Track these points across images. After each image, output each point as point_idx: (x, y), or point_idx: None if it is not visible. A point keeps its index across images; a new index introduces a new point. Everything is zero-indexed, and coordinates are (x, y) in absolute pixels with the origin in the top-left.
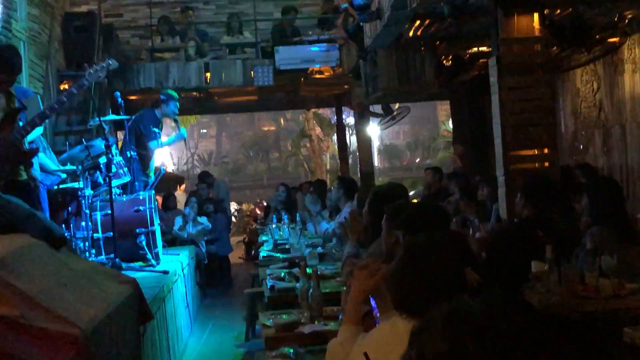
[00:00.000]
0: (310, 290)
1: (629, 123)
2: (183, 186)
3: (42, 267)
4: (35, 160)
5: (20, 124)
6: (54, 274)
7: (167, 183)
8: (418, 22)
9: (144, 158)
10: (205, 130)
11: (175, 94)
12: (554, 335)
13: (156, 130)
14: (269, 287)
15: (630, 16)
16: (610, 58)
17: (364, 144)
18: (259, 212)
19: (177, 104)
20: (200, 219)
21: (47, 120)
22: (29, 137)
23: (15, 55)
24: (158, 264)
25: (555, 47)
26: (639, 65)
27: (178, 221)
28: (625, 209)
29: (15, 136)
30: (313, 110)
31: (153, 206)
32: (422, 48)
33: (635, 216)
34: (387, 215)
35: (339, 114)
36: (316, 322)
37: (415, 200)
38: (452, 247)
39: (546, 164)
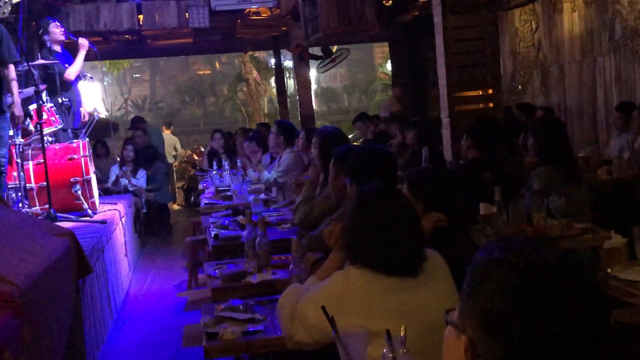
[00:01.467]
0: (258, 239)
1: (567, 62)
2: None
3: None
4: None
5: None
6: None
7: (100, 129)
8: None
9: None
10: (138, 75)
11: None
12: None
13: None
14: (212, 235)
15: None
16: None
17: (304, 87)
18: (196, 158)
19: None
20: (138, 175)
21: None
22: None
23: None
24: (95, 213)
25: None
26: (578, 3)
27: (113, 172)
28: (571, 149)
29: None
30: (250, 53)
31: (88, 154)
32: None
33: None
34: (335, 160)
35: (277, 56)
36: (264, 271)
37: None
38: (404, 196)
39: (490, 104)
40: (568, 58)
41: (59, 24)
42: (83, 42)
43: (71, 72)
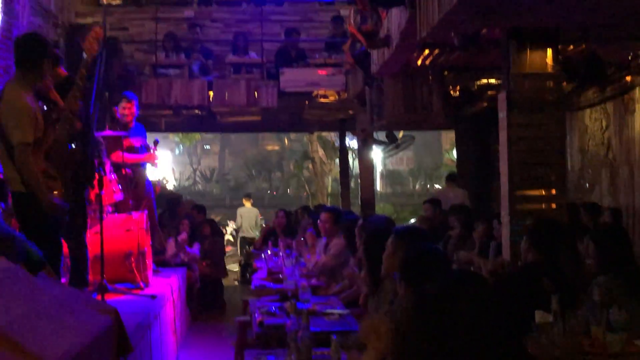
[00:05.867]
0: (300, 332)
1: (637, 163)
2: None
3: (16, 295)
4: None
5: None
6: (29, 302)
7: (165, 200)
8: (427, 51)
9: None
10: (208, 147)
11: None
12: None
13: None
14: (257, 322)
15: None
16: (621, 97)
17: (366, 171)
18: (257, 233)
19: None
20: (193, 246)
21: None
22: None
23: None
24: (147, 286)
25: (566, 84)
26: None
27: (170, 247)
28: (634, 258)
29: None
30: (317, 132)
31: (145, 227)
32: (430, 77)
33: None
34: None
35: (342, 138)
36: None
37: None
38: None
39: (553, 205)
40: (638, 159)
41: (129, 100)
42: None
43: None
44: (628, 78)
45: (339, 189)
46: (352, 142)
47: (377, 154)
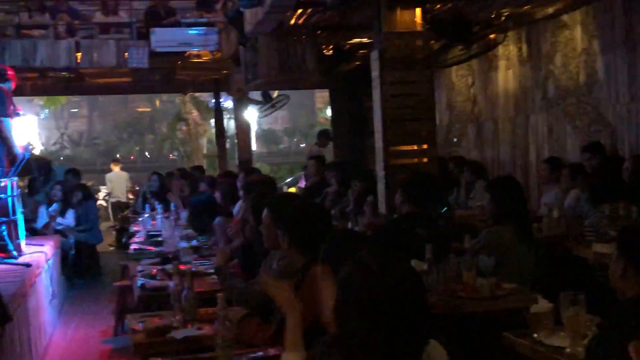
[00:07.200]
0: (184, 292)
1: (501, 118)
2: None
3: None
4: None
5: None
6: None
7: (32, 165)
8: (300, 10)
9: None
10: (76, 110)
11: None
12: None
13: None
14: (139, 285)
15: (507, 13)
16: (485, 54)
17: (243, 131)
18: (131, 196)
19: None
20: (66, 215)
21: None
22: None
23: None
24: (20, 255)
25: (434, 42)
26: (512, 61)
27: (41, 215)
28: (527, 208)
29: None
30: (190, 93)
31: (16, 194)
32: (304, 36)
33: None
34: (269, 212)
35: (217, 98)
36: (189, 326)
37: (293, 190)
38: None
39: (425, 159)
40: (502, 114)
41: None
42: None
43: None
44: (492, 36)
45: (215, 150)
46: (226, 103)
47: (252, 114)
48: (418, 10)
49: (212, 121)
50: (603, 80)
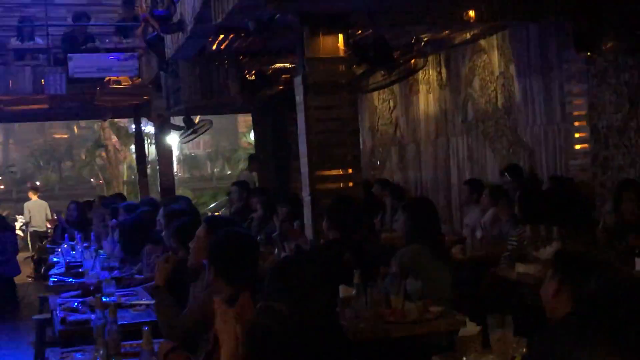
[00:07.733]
0: (107, 326)
1: (422, 141)
2: None
3: None
4: None
5: None
6: None
7: None
8: (222, 36)
9: None
10: None
11: None
12: None
13: None
14: (59, 319)
15: (426, 39)
16: (406, 79)
17: (164, 156)
18: (49, 226)
19: None
20: None
21: None
22: None
23: None
24: None
25: (356, 67)
26: (433, 85)
27: None
28: (439, 227)
29: None
30: (110, 119)
31: None
32: (226, 62)
33: None
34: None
35: (137, 124)
36: None
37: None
38: None
39: (350, 183)
40: (424, 137)
41: None
42: None
43: None
44: (412, 61)
45: (136, 176)
46: (147, 128)
47: (173, 139)
48: (340, 36)
49: (133, 147)
50: (520, 102)
